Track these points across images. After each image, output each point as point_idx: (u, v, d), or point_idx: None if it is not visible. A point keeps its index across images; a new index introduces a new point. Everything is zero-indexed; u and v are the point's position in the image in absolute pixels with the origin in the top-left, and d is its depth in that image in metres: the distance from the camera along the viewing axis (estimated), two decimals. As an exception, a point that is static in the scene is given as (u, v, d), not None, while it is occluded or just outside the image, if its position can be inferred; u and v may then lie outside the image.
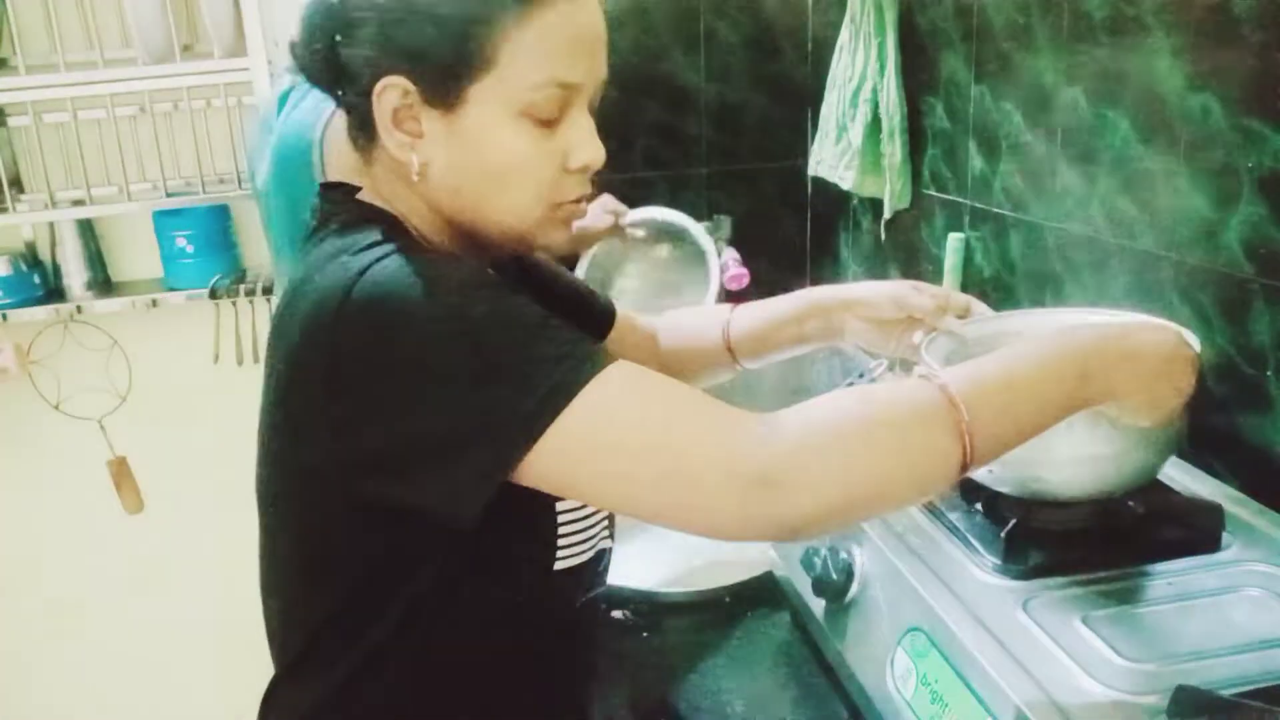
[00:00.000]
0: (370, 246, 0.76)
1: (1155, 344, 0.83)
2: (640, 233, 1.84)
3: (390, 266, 0.73)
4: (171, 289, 2.09)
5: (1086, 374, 0.77)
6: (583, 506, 0.85)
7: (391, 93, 0.77)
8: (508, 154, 0.78)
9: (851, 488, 0.69)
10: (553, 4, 0.75)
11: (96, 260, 2.12)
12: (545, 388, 0.69)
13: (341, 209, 0.83)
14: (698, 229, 1.85)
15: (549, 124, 0.78)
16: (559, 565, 0.84)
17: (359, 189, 0.85)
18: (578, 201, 0.83)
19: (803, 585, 1.11)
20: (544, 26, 0.75)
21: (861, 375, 1.55)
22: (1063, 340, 0.79)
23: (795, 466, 0.68)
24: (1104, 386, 0.78)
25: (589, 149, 0.80)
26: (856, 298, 1.09)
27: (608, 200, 1.76)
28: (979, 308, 1.10)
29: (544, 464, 0.70)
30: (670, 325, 1.16)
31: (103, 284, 2.13)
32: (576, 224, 0.86)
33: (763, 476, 0.68)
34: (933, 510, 1.04)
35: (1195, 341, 0.92)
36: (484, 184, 0.79)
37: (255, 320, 2.12)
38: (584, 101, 0.80)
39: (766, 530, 0.70)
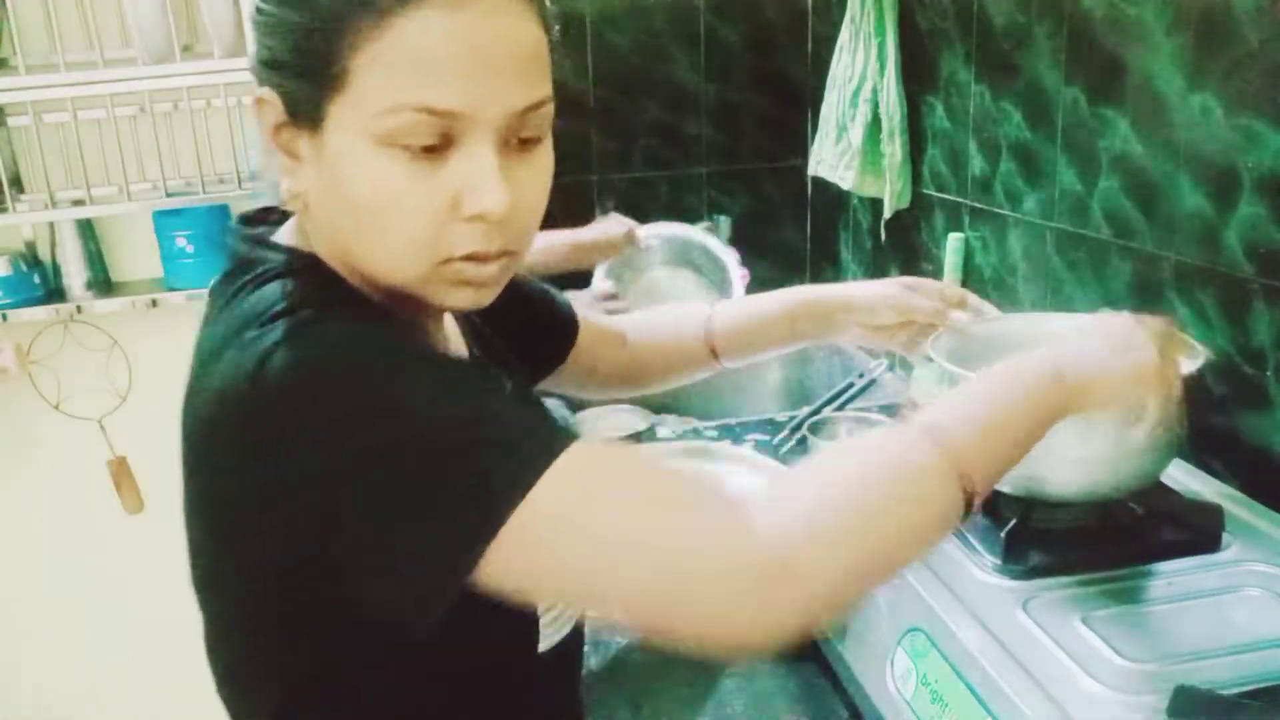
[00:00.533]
0: (278, 317, 0.65)
1: (1124, 362, 0.80)
2: (654, 243, 1.84)
3: (298, 350, 0.63)
4: (171, 289, 2.08)
5: (1059, 377, 0.75)
6: None
7: (264, 107, 0.68)
8: (371, 188, 0.65)
9: (866, 558, 0.64)
10: (411, 14, 0.62)
11: (96, 260, 2.12)
12: (495, 485, 0.59)
13: (256, 252, 0.74)
14: (716, 244, 1.86)
15: (431, 156, 0.64)
16: (544, 647, 0.77)
17: (287, 216, 0.77)
18: (478, 259, 0.67)
19: (803, 585, 1.11)
20: (401, 39, 0.62)
21: (861, 375, 1.55)
22: (1032, 361, 0.77)
23: (806, 545, 0.61)
24: (1079, 395, 0.76)
25: (485, 194, 0.64)
26: (853, 301, 1.07)
27: (617, 216, 1.77)
28: (975, 301, 1.09)
29: (500, 568, 0.60)
30: (640, 323, 1.12)
31: (103, 284, 2.12)
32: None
33: (774, 564, 0.59)
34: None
35: (1192, 343, 0.92)
36: (353, 222, 0.67)
37: (255, 320, 2.11)
38: (485, 133, 0.65)
39: (788, 622, 0.61)
